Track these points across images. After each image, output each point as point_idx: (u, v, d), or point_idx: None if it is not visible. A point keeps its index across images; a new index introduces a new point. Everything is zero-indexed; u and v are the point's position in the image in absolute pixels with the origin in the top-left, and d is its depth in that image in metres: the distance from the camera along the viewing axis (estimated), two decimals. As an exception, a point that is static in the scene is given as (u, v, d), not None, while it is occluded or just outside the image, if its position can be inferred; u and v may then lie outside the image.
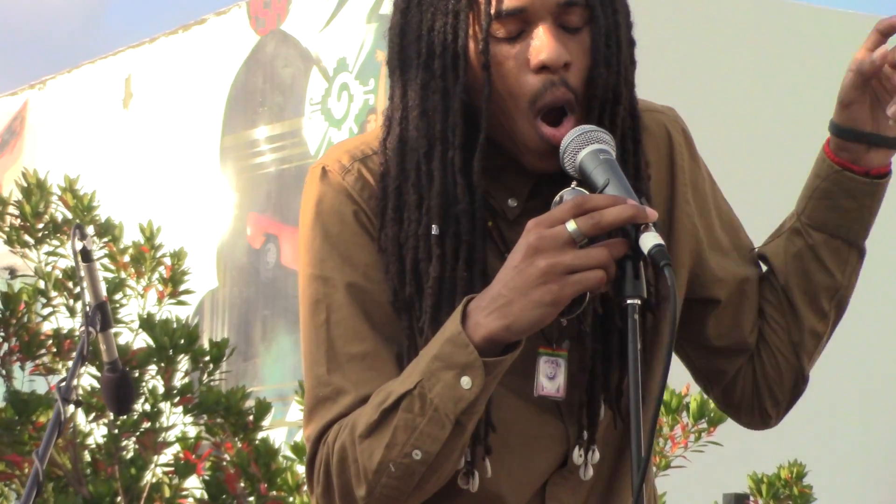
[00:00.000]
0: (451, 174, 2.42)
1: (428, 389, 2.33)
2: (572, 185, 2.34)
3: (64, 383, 3.46)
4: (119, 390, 3.79)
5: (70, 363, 4.33)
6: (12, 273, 4.05)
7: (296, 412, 7.11)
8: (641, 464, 2.19)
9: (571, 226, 2.25)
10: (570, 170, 2.31)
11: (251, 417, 6.70)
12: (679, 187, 2.61)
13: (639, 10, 2.57)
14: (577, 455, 2.48)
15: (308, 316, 2.50)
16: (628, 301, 2.23)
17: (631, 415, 2.24)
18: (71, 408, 3.60)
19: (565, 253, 2.25)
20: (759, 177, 14.22)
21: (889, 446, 14.51)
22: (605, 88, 2.42)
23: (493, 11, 2.37)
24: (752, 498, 7.88)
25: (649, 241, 2.21)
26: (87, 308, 3.62)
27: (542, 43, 2.36)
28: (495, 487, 2.49)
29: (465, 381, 2.30)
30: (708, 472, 8.29)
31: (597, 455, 2.50)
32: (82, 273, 3.63)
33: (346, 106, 13.29)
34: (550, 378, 2.45)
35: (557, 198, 2.34)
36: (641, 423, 2.24)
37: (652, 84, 3.10)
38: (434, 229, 2.40)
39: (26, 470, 5.87)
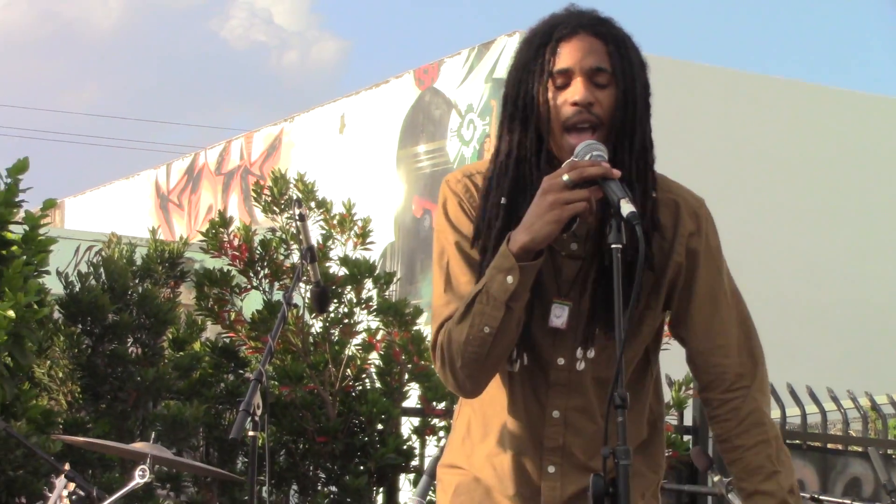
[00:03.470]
0: (521, 168, 2.96)
1: (488, 287, 2.84)
2: (587, 142, 2.87)
3: (289, 293, 4.47)
4: (321, 299, 4.95)
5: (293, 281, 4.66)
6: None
7: None
8: (619, 354, 2.63)
9: (566, 177, 2.78)
10: (576, 156, 2.84)
11: (410, 317, 7.40)
12: (693, 244, 3.03)
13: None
14: (578, 352, 2.98)
15: (435, 261, 3.06)
16: (612, 245, 2.70)
17: (616, 321, 2.68)
18: (293, 307, 4.60)
19: (562, 192, 2.77)
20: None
21: None
22: (623, 123, 2.91)
23: (551, 69, 2.92)
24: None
25: (627, 208, 2.68)
26: (303, 249, 4.60)
27: (576, 89, 2.90)
28: (530, 370, 3.01)
29: (510, 279, 2.81)
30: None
31: (591, 352, 2.98)
32: (300, 227, 4.68)
33: (471, 133, 15.52)
34: (558, 317, 2.97)
35: (578, 148, 2.86)
36: (621, 327, 2.67)
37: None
38: (503, 200, 2.96)
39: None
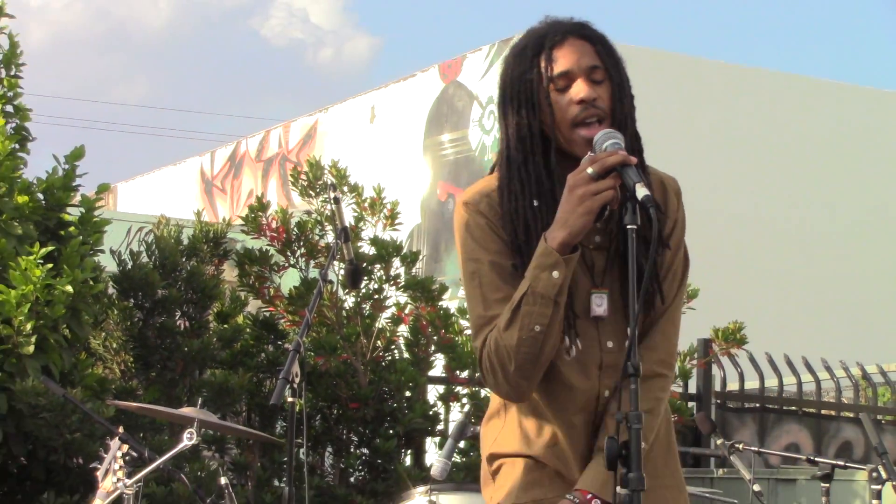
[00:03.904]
0: (538, 170, 2.94)
1: (535, 286, 2.81)
2: (604, 131, 2.85)
3: (324, 271, 4.54)
4: (354, 275, 4.89)
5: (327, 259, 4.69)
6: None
7: (461, 292, 7.04)
8: (632, 326, 2.63)
9: (590, 170, 2.77)
10: (596, 148, 2.82)
11: (436, 293, 7.45)
12: (679, 220, 3.05)
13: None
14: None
15: (467, 283, 3.00)
16: (629, 226, 2.68)
17: (630, 295, 2.70)
18: (328, 283, 4.93)
19: (589, 185, 2.76)
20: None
21: None
22: (622, 114, 2.93)
23: (551, 75, 2.92)
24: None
25: (642, 191, 2.67)
26: (337, 229, 4.60)
27: (579, 88, 2.90)
28: (582, 357, 2.96)
29: (556, 274, 2.80)
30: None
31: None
32: (334, 210, 4.69)
33: (491, 123, 15.49)
34: (599, 306, 2.95)
35: (596, 137, 2.85)
36: (636, 297, 2.68)
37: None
38: (535, 202, 2.93)
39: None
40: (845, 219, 16.83)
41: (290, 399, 3.94)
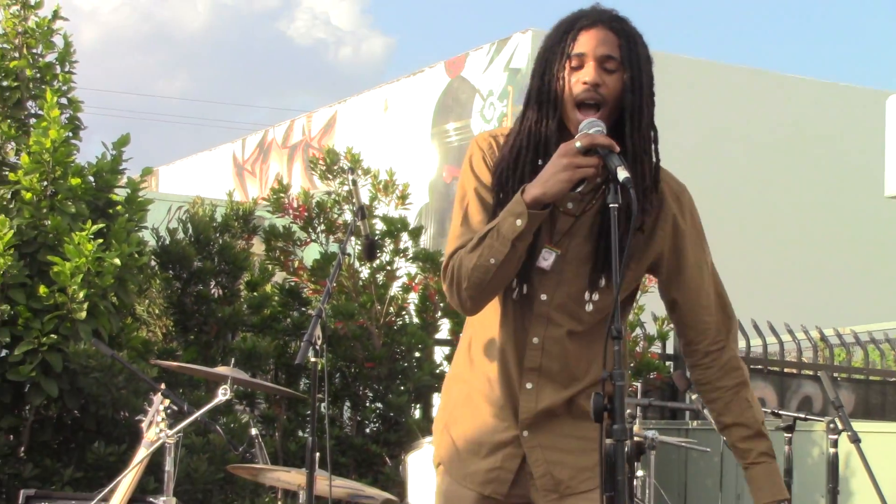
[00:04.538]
0: (545, 128, 2.91)
1: (500, 227, 2.81)
2: (588, 120, 2.83)
3: (342, 245, 4.59)
4: (369, 249, 4.90)
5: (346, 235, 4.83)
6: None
7: None
8: (616, 294, 2.61)
9: (577, 143, 2.76)
10: (581, 131, 2.79)
11: (441, 263, 7.73)
12: (678, 223, 3.01)
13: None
14: (586, 295, 2.95)
15: (456, 203, 3.02)
16: (610, 205, 2.68)
17: (612, 266, 2.65)
18: (346, 256, 4.79)
19: (576, 157, 2.75)
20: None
21: None
22: (631, 105, 2.88)
23: (569, 52, 2.90)
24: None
25: (623, 174, 2.66)
26: (354, 208, 4.72)
27: (587, 71, 2.88)
28: (524, 301, 2.97)
29: (519, 222, 2.79)
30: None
31: (595, 296, 2.94)
32: (353, 190, 4.76)
33: (492, 113, 15.57)
34: (546, 260, 2.93)
35: (582, 125, 2.82)
36: (618, 267, 2.64)
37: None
38: (535, 163, 2.89)
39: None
40: (807, 203, 16.84)
41: (312, 359, 3.95)
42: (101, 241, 6.08)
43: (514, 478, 2.95)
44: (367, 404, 7.28)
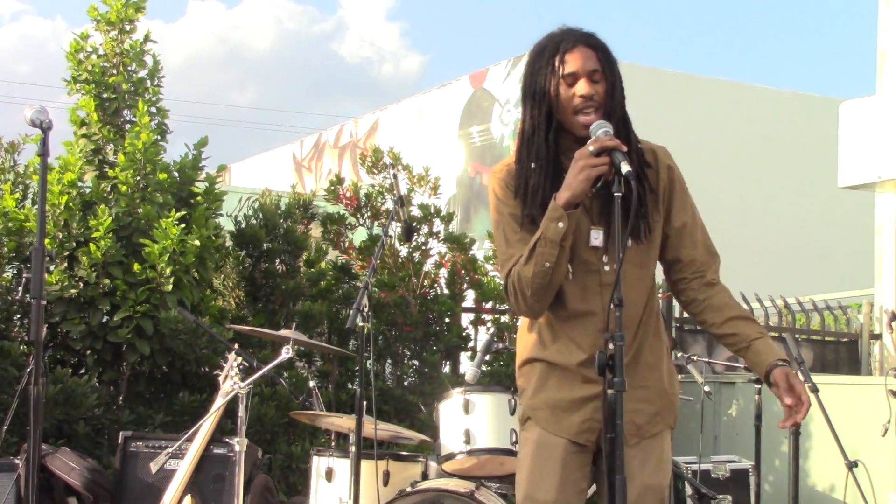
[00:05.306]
0: (540, 142, 2.88)
1: (545, 234, 2.77)
2: (598, 122, 2.80)
3: (385, 228, 4.75)
4: (408, 232, 5.10)
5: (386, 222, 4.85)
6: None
7: (486, 244, 7.42)
8: (618, 268, 2.60)
9: (591, 148, 2.72)
10: (592, 134, 2.77)
11: (468, 245, 7.42)
12: (671, 183, 2.97)
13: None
14: (605, 261, 2.87)
15: (494, 229, 2.97)
16: (615, 194, 2.66)
17: (616, 243, 2.64)
18: (388, 238, 4.94)
19: (589, 159, 2.72)
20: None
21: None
22: (614, 106, 2.86)
23: (562, 73, 2.85)
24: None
25: (625, 167, 2.64)
26: (395, 198, 4.64)
27: (581, 86, 2.84)
28: (583, 279, 2.89)
29: (561, 224, 2.76)
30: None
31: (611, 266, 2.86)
32: (394, 183, 4.98)
33: (509, 118, 15.43)
34: (596, 238, 2.87)
35: (592, 127, 2.79)
36: (621, 245, 2.65)
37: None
38: (532, 165, 2.88)
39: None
40: (774, 193, 16.77)
41: (360, 323, 3.91)
42: (184, 226, 6.13)
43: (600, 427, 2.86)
44: (405, 361, 7.24)
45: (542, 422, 2.92)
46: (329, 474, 4.76)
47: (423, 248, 7.38)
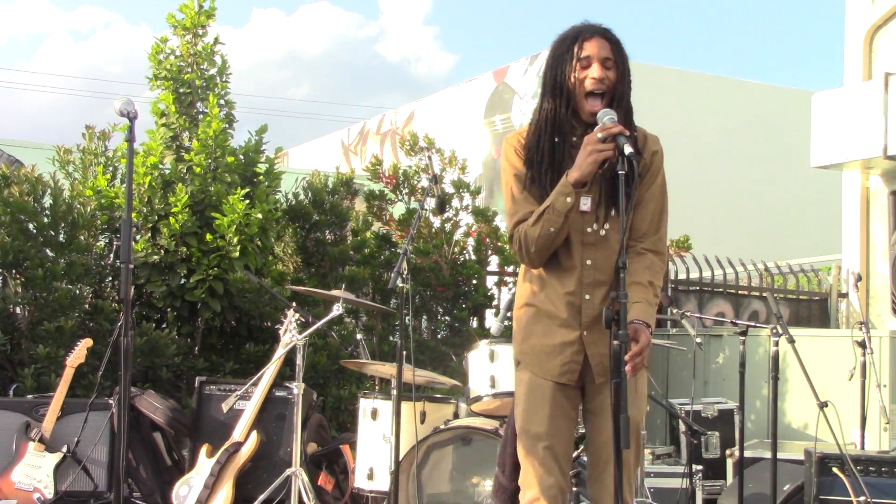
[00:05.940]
0: (561, 118, 2.82)
1: (555, 204, 2.76)
2: (605, 110, 2.75)
3: (421, 203, 4.83)
4: (441, 206, 5.45)
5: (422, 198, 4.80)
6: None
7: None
8: (623, 236, 2.57)
9: (599, 135, 2.68)
10: (599, 121, 2.74)
11: (491, 217, 7.30)
12: (650, 165, 2.89)
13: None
14: (605, 226, 2.83)
15: (503, 188, 2.93)
16: (619, 172, 2.60)
17: (621, 213, 2.58)
18: (423, 211, 4.92)
19: (597, 144, 2.68)
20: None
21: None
22: (623, 92, 2.81)
23: (580, 56, 2.80)
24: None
25: (627, 148, 2.60)
26: (429, 177, 4.77)
27: (594, 70, 2.79)
28: (572, 237, 2.84)
29: (569, 199, 2.75)
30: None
31: (607, 225, 2.82)
32: (429, 164, 5.43)
33: (527, 108, 15.12)
34: (584, 205, 2.82)
35: (599, 114, 2.74)
36: (626, 216, 2.62)
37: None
38: (555, 139, 2.82)
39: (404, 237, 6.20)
40: (756, 172, 16.67)
41: (400, 284, 3.88)
42: (248, 201, 6.09)
43: (580, 368, 2.86)
44: (439, 317, 7.19)
45: (530, 366, 2.91)
46: (374, 414, 4.76)
47: (454, 219, 7.31)
